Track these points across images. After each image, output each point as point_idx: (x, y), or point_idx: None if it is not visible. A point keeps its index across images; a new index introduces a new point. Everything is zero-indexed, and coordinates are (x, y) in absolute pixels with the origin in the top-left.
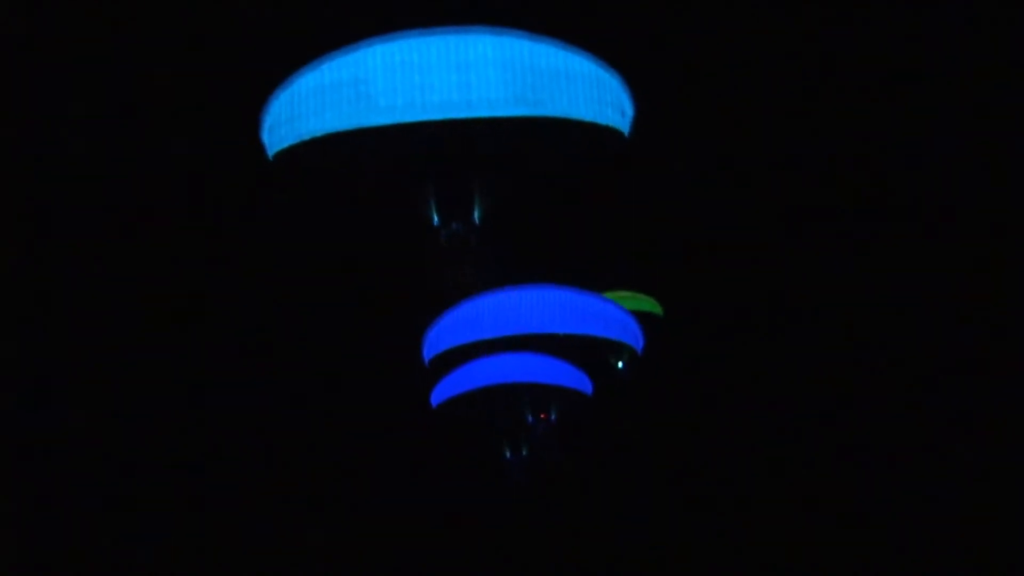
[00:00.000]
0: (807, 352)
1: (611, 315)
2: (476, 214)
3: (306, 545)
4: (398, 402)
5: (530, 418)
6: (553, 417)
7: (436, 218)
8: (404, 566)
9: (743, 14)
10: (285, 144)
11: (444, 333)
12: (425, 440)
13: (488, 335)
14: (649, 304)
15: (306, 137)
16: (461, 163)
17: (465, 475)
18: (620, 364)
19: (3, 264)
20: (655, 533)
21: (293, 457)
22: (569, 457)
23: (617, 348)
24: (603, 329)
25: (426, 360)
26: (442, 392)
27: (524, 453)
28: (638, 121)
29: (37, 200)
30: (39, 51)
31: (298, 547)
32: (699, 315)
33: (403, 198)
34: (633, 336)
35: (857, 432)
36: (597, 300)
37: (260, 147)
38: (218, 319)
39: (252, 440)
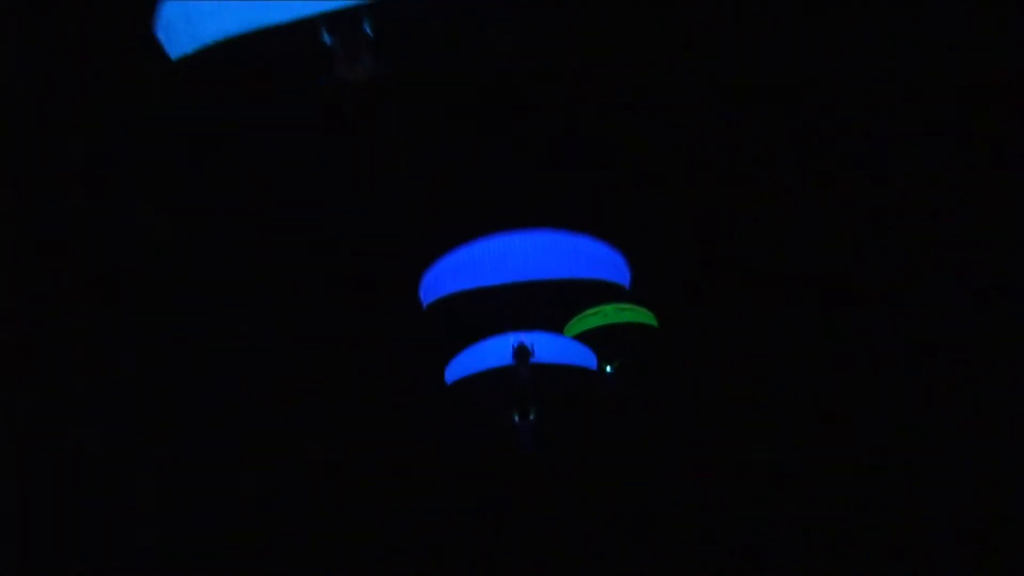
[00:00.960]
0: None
1: (613, 259)
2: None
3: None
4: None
5: (513, 347)
6: (535, 353)
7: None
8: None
9: None
10: (187, 49)
11: (442, 278)
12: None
13: (488, 282)
14: (646, 316)
15: (207, 42)
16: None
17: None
18: (608, 368)
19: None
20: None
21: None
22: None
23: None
24: (609, 273)
25: (424, 305)
26: (456, 371)
27: (532, 418)
28: None
29: None
30: None
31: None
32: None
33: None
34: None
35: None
36: (600, 244)
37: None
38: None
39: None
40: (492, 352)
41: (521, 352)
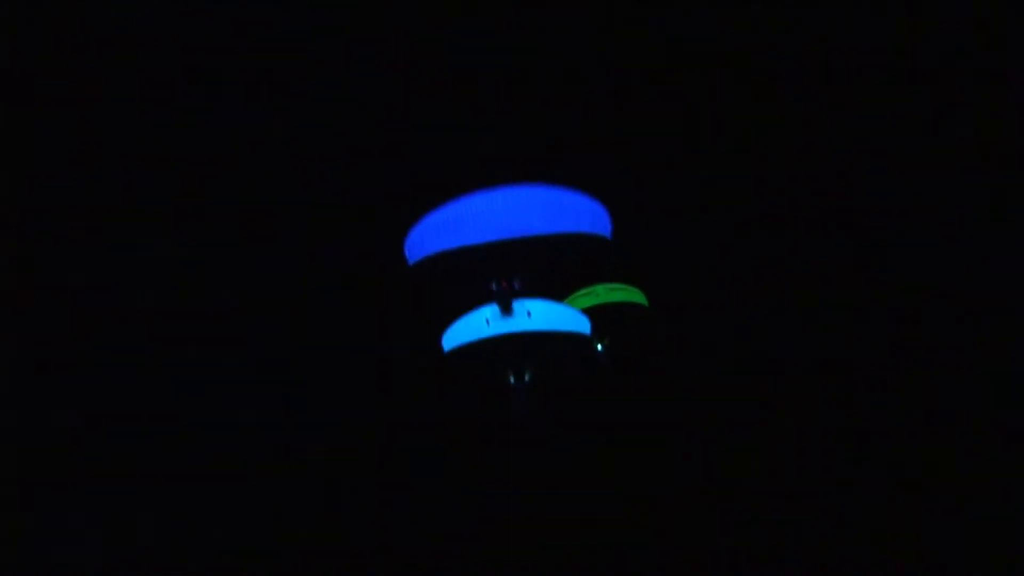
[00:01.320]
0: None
1: (596, 210)
2: None
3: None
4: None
5: (495, 286)
6: (517, 285)
7: None
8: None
9: None
10: None
11: (427, 236)
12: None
13: (473, 240)
14: (637, 295)
15: None
16: None
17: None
18: (599, 347)
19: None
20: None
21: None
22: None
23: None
24: (594, 226)
25: (410, 262)
26: (453, 339)
27: (527, 380)
28: None
29: None
30: None
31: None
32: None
33: None
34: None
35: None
36: (584, 197)
37: None
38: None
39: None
40: (489, 319)
41: (502, 294)
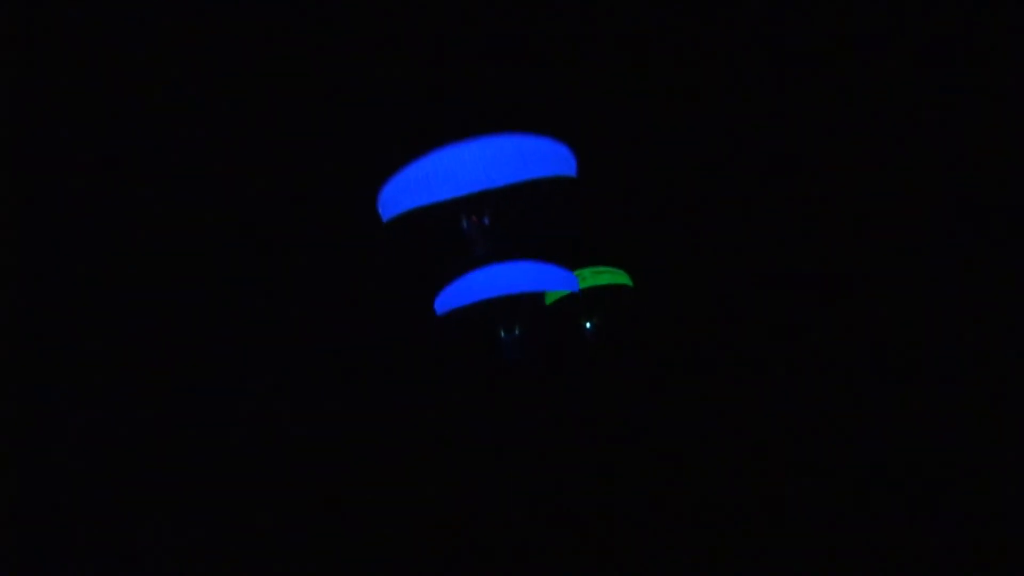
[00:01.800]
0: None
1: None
2: None
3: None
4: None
5: (465, 223)
6: (486, 220)
7: None
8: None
9: None
10: None
11: (397, 195)
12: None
13: (443, 196)
14: (622, 277)
15: None
16: None
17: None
18: (588, 325)
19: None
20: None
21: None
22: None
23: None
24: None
25: (384, 219)
26: (445, 303)
27: (517, 332)
28: None
29: None
30: None
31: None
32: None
33: None
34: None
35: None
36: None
37: None
38: None
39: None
40: (482, 283)
41: (474, 227)
